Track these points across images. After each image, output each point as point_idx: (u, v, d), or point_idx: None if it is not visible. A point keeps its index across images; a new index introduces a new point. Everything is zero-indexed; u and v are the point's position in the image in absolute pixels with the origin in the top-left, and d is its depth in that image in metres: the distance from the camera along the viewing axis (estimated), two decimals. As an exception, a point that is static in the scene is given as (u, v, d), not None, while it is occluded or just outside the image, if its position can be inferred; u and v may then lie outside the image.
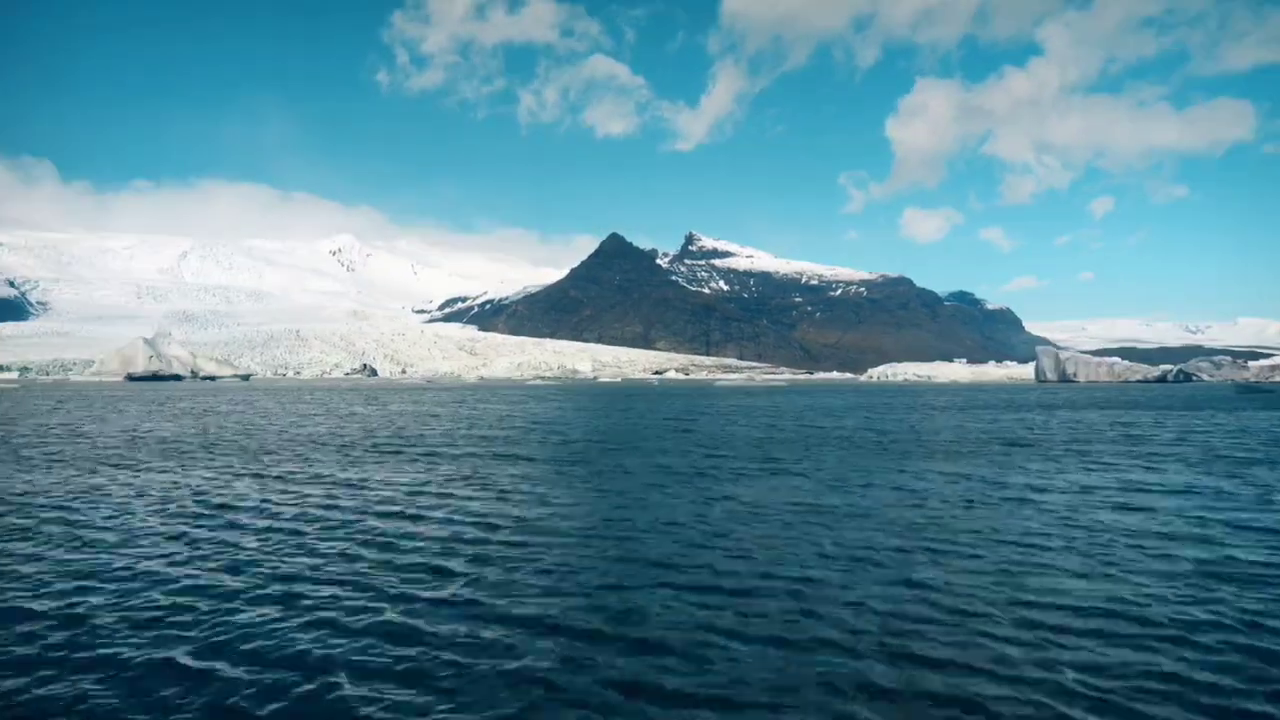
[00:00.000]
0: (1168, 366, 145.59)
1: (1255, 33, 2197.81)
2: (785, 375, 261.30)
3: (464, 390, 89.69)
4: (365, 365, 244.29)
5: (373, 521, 10.90)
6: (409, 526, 10.55)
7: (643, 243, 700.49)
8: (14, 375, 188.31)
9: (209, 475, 15.81)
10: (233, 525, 10.77)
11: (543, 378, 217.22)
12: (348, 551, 9.15)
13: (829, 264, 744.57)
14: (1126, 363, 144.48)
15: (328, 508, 12.05)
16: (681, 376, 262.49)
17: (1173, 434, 25.29)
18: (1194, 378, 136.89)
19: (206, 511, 11.80)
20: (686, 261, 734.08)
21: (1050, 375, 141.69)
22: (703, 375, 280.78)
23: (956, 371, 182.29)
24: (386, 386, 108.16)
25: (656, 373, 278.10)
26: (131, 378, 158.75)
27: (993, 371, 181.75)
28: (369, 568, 8.43)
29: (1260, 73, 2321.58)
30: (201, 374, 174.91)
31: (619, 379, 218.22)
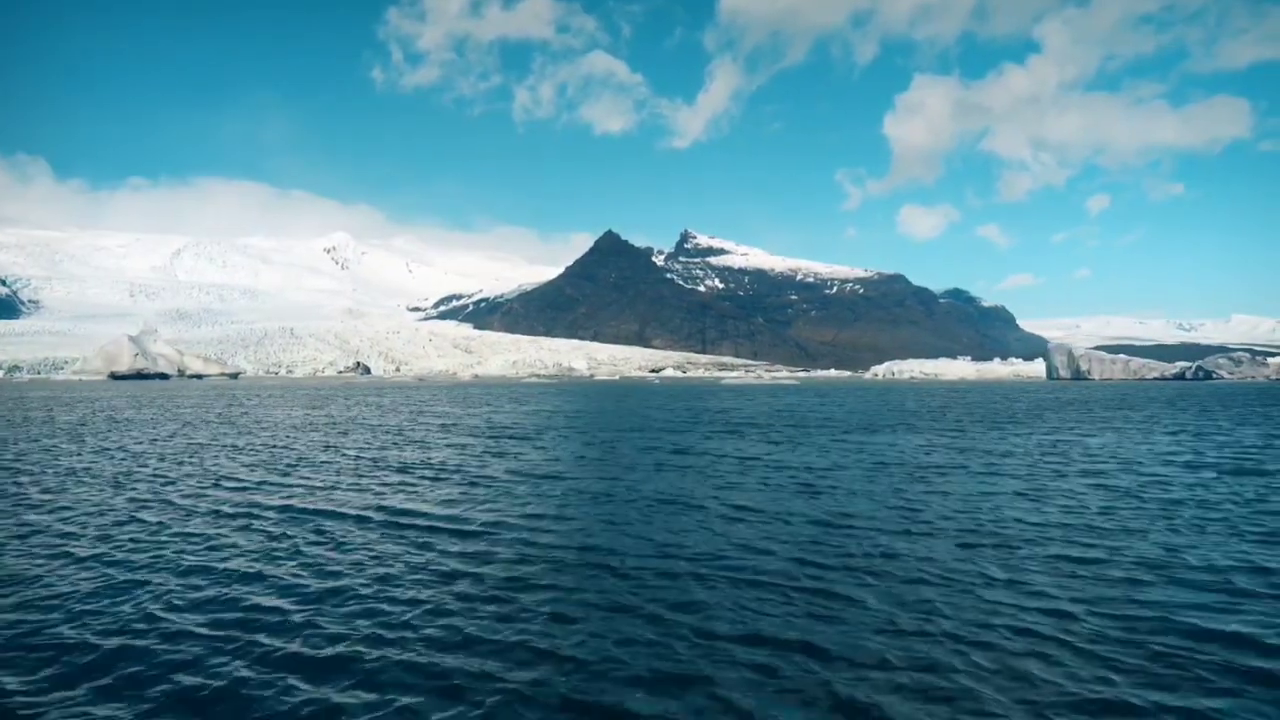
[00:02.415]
0: (1185, 363, 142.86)
1: (1253, 30, 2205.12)
2: (785, 373, 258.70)
3: (444, 389, 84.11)
4: (358, 364, 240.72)
5: None
6: None
7: (638, 240, 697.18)
8: (0, 374, 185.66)
9: None
10: None
11: (538, 375, 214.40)
12: None
13: (827, 261, 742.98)
14: (1142, 360, 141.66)
15: None
16: (679, 374, 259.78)
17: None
18: (1214, 375, 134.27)
19: None
20: (682, 259, 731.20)
21: (1063, 373, 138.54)
22: (700, 373, 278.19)
23: (962, 369, 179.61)
24: (371, 385, 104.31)
25: (654, 370, 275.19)
26: (115, 376, 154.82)
27: (998, 369, 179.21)
28: None
29: (1258, 70, 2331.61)
30: (189, 372, 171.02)
31: (616, 377, 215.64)
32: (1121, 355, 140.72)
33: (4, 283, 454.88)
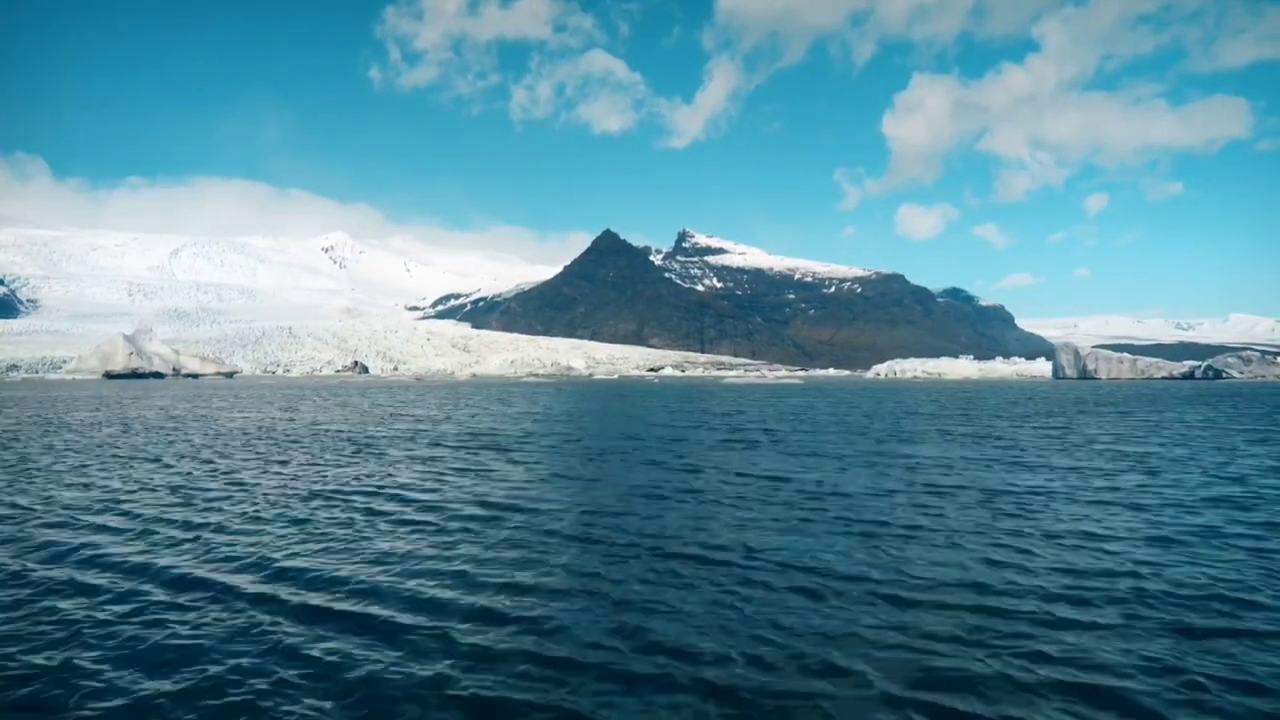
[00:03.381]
0: (1193, 363, 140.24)
1: (1252, 29, 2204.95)
2: (785, 372, 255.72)
3: (436, 389, 79.32)
4: (356, 363, 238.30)
5: None
6: None
7: (637, 240, 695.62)
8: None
9: None
10: None
11: (536, 375, 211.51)
12: None
13: (825, 261, 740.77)
14: (1150, 359, 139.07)
15: None
16: (678, 373, 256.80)
17: None
18: (1224, 374, 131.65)
19: None
20: (680, 259, 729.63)
21: (1069, 372, 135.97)
22: (699, 372, 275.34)
23: (965, 369, 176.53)
24: (365, 385, 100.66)
25: (653, 370, 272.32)
26: (110, 375, 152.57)
27: (1001, 368, 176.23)
28: None
29: (1256, 69, 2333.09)
30: (184, 371, 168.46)
31: (615, 376, 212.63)
32: (1128, 355, 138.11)
33: (2, 282, 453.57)
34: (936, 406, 41.11)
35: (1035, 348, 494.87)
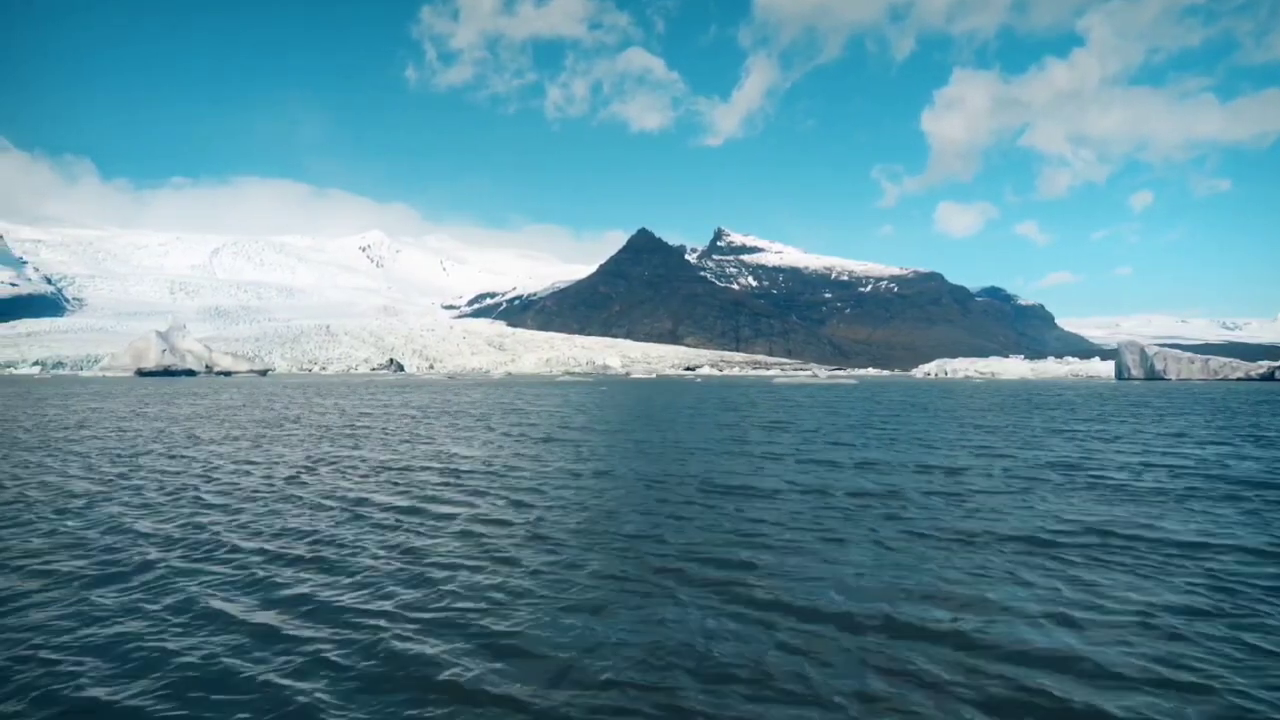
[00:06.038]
0: (1271, 363, 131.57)
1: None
2: (826, 373, 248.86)
3: (456, 389, 73.19)
4: (391, 360, 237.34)
5: None
6: None
7: (672, 238, 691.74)
8: (35, 370, 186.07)
9: None
10: None
11: (572, 373, 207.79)
12: None
13: (862, 259, 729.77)
14: (1222, 359, 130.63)
15: None
16: (715, 372, 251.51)
17: None
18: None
19: None
20: (715, 257, 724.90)
21: (1135, 372, 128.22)
22: (734, 371, 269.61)
23: (1018, 368, 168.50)
24: (389, 384, 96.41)
25: (690, 368, 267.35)
26: (142, 373, 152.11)
27: (1055, 368, 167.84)
28: None
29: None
30: (217, 369, 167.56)
31: (652, 374, 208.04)
32: (1198, 354, 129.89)
33: (50, 281, 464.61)
34: (1047, 418, 32.74)
35: (1076, 347, 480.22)
